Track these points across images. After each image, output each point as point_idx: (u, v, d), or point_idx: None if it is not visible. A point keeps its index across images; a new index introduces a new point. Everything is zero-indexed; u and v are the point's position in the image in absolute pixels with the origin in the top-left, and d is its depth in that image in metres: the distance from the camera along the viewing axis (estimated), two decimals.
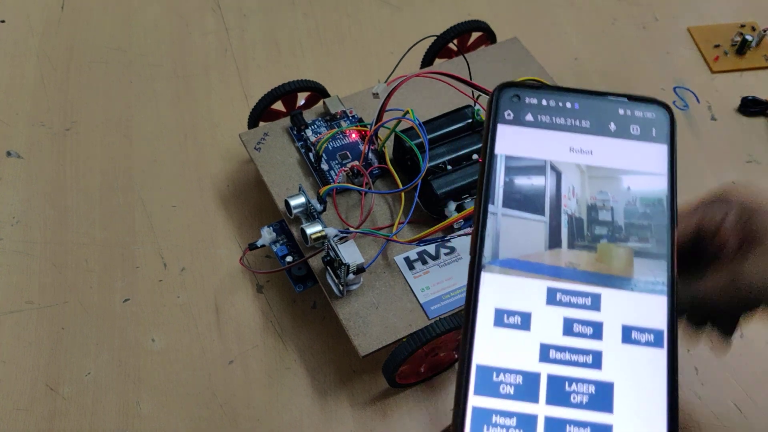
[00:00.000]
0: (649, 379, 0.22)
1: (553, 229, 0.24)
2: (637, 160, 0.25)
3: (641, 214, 0.24)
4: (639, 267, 0.24)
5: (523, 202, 0.24)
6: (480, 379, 0.22)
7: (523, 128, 0.25)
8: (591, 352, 0.23)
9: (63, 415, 0.50)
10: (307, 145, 0.57)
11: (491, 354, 0.22)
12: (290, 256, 0.53)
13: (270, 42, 0.74)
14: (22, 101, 0.66)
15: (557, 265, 0.24)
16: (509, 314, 0.23)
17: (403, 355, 0.47)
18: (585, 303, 0.23)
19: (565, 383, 0.22)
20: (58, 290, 0.55)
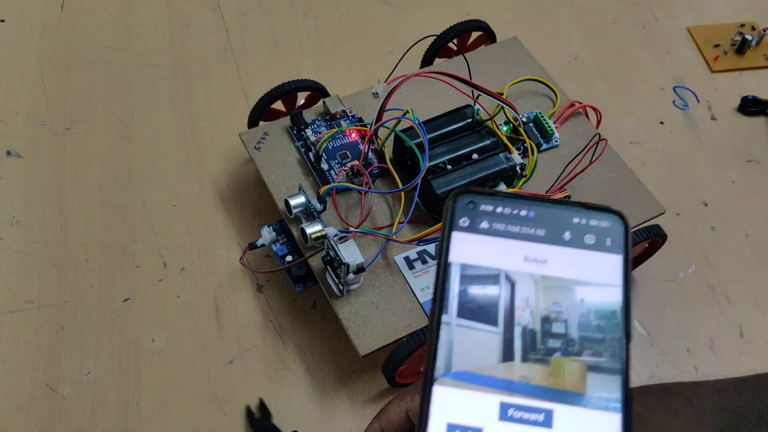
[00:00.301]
0: None
1: (507, 341, 0.24)
2: (591, 270, 0.25)
3: (595, 326, 0.24)
4: (592, 382, 0.23)
5: (478, 312, 0.24)
6: None
7: (478, 236, 0.25)
8: None
9: (63, 414, 0.50)
10: (307, 145, 0.57)
11: None
12: (290, 256, 0.53)
13: (270, 42, 0.74)
14: (22, 101, 0.66)
15: (510, 378, 0.23)
16: (461, 430, 0.23)
17: (403, 355, 0.47)
18: (537, 419, 0.23)
19: None
20: (58, 290, 0.55)
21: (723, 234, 0.63)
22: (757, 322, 0.58)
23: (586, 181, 0.56)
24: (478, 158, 0.54)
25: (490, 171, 0.53)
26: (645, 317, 0.58)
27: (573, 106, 0.60)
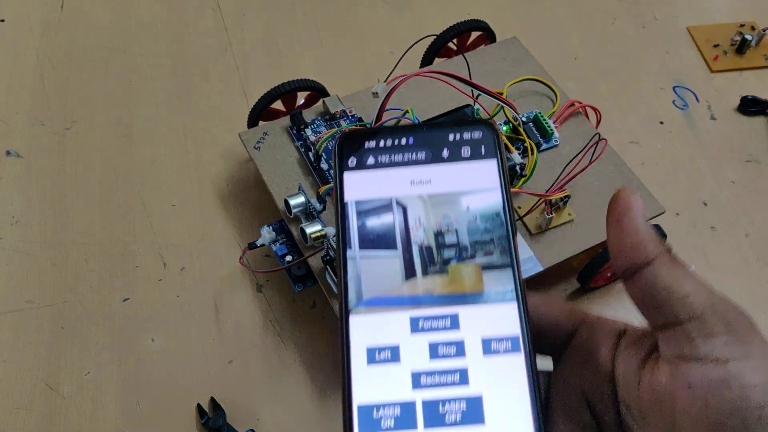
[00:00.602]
0: (513, 384, 0.24)
1: (407, 261, 0.25)
2: (472, 179, 0.26)
3: (483, 230, 0.26)
4: (488, 280, 0.25)
5: (377, 240, 0.26)
6: (362, 419, 0.23)
7: (366, 172, 0.27)
8: (457, 370, 0.24)
9: (62, 414, 0.50)
10: (306, 145, 0.57)
11: (369, 392, 0.24)
12: (290, 256, 0.53)
13: (270, 41, 0.74)
14: (22, 101, 0.67)
15: (415, 294, 0.25)
16: (380, 350, 0.24)
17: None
18: (445, 325, 0.24)
19: (438, 405, 0.23)
20: (58, 290, 0.55)
21: (723, 234, 0.63)
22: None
23: (586, 181, 0.56)
24: None
25: None
26: None
27: (573, 105, 0.60)
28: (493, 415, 0.23)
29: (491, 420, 0.23)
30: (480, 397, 0.24)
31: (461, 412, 0.23)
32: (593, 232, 0.54)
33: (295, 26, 0.75)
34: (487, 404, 0.23)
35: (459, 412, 0.23)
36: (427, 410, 0.23)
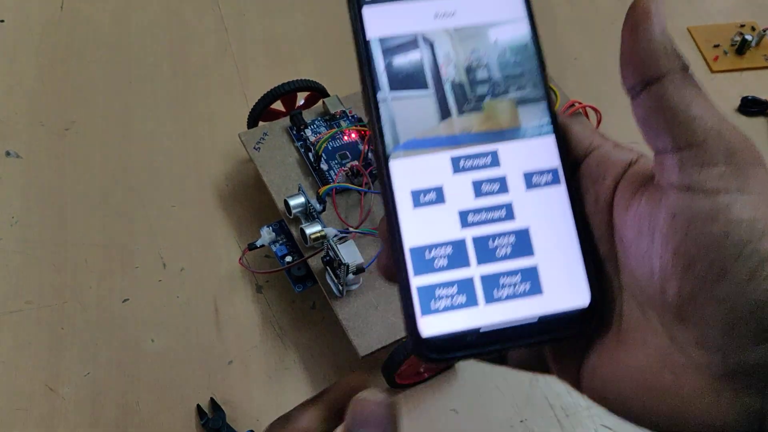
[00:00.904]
0: (557, 214, 0.24)
1: (441, 99, 0.25)
2: (497, 10, 0.26)
3: (513, 63, 0.25)
4: (524, 115, 0.25)
5: (407, 80, 0.25)
6: (416, 261, 0.23)
7: (386, 5, 0.27)
8: (502, 206, 0.24)
9: (62, 415, 0.50)
10: (306, 145, 0.57)
11: (419, 234, 0.24)
12: (290, 256, 0.53)
13: (270, 42, 0.74)
14: (22, 101, 0.66)
15: (453, 134, 0.25)
16: (424, 192, 0.24)
17: (403, 356, 0.47)
18: (486, 162, 0.25)
19: (488, 241, 0.24)
20: (58, 290, 0.55)
21: None
22: None
23: None
24: None
25: None
26: None
27: (573, 106, 0.60)
28: (540, 246, 0.24)
29: (540, 250, 0.24)
30: (527, 230, 0.24)
31: (510, 246, 0.24)
32: None
33: (295, 26, 0.75)
34: (534, 236, 0.24)
35: (508, 245, 0.24)
36: (477, 247, 0.24)
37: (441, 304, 0.23)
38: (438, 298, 0.23)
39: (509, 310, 0.23)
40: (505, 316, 0.23)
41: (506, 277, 0.24)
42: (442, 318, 0.23)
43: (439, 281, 0.23)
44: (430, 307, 0.23)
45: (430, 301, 0.23)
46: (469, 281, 0.23)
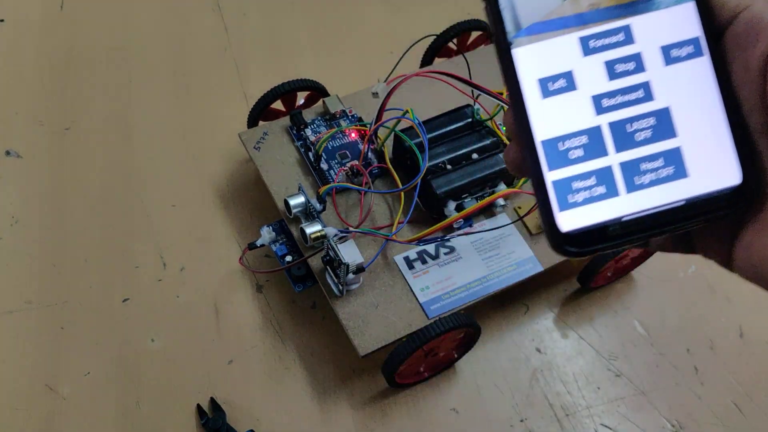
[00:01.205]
0: (701, 90, 0.22)
1: None
2: None
3: None
4: None
5: None
6: (549, 154, 0.22)
7: None
8: (639, 86, 0.23)
9: (62, 414, 0.50)
10: (306, 145, 0.57)
11: (551, 126, 0.22)
12: (290, 256, 0.53)
13: (270, 41, 0.74)
14: (22, 101, 0.66)
15: (579, 12, 0.23)
16: (552, 80, 0.23)
17: (403, 355, 0.47)
18: (618, 40, 0.23)
19: (626, 126, 0.22)
20: (58, 290, 0.55)
21: None
22: (757, 322, 0.58)
23: None
24: (478, 158, 0.54)
25: (490, 171, 0.53)
26: (645, 317, 0.58)
27: None
28: (684, 125, 0.22)
29: (683, 130, 0.22)
30: (667, 109, 0.23)
31: (651, 129, 0.22)
32: None
33: (295, 26, 0.75)
34: (676, 115, 0.22)
35: (648, 128, 0.23)
36: (615, 133, 0.22)
37: (579, 196, 0.22)
38: (576, 191, 0.22)
39: (653, 196, 0.22)
40: (648, 203, 0.22)
41: (648, 163, 0.22)
42: (582, 211, 0.22)
43: (575, 173, 0.22)
44: (568, 200, 0.22)
45: (568, 195, 0.22)
46: (607, 170, 0.22)
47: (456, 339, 0.51)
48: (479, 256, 0.52)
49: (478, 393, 0.53)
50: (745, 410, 0.54)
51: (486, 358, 0.55)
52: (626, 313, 0.58)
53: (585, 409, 0.53)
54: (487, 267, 0.52)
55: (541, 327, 0.57)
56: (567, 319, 0.57)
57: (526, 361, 0.55)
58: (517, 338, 0.56)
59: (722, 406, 0.54)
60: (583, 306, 0.58)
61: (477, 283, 0.51)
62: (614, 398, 0.54)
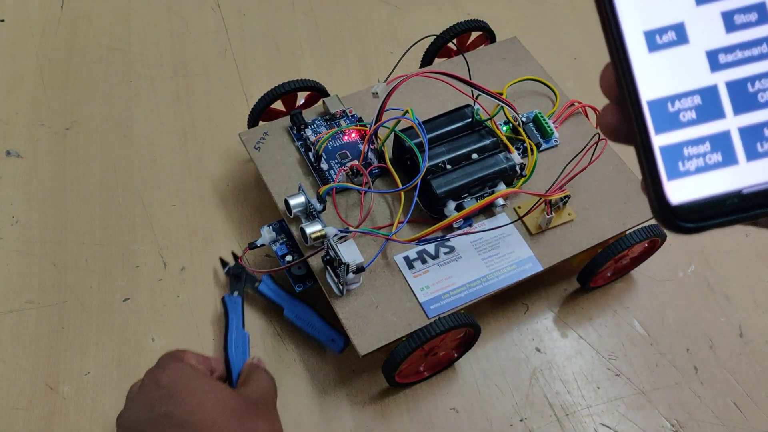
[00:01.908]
0: None
1: None
2: None
3: None
4: None
5: None
6: (656, 116, 0.20)
7: None
8: (763, 40, 0.20)
9: (62, 414, 0.50)
10: (306, 145, 0.57)
11: (658, 84, 0.20)
12: (290, 256, 0.53)
13: (270, 42, 0.74)
14: (22, 101, 0.67)
15: None
16: (661, 32, 0.20)
17: (403, 355, 0.47)
18: None
19: (747, 85, 0.20)
20: (58, 290, 0.55)
21: (722, 234, 0.63)
22: (756, 322, 0.59)
23: (586, 181, 0.56)
24: (478, 158, 0.54)
25: (490, 171, 0.53)
26: (645, 317, 0.58)
27: (573, 105, 0.60)
28: None
29: None
30: None
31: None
32: (593, 232, 0.54)
33: (295, 26, 0.75)
34: None
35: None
36: (733, 93, 0.20)
37: (692, 164, 0.20)
38: (688, 158, 0.20)
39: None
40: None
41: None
42: (695, 181, 0.20)
43: (687, 138, 0.20)
44: (679, 169, 0.20)
45: (678, 163, 0.20)
46: (725, 135, 0.20)
47: (456, 338, 0.51)
48: (479, 255, 0.52)
49: (477, 392, 0.53)
50: (744, 410, 0.54)
51: (486, 357, 0.55)
52: (626, 313, 0.58)
53: (584, 409, 0.53)
54: (487, 267, 0.52)
55: (540, 327, 0.57)
56: (567, 319, 0.57)
57: (526, 360, 0.55)
58: (517, 338, 0.56)
59: (722, 405, 0.54)
60: (583, 306, 0.58)
61: (477, 282, 0.51)
62: (614, 398, 0.54)
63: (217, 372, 0.48)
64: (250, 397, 0.43)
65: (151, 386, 0.41)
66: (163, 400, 0.40)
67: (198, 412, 0.39)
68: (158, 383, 0.41)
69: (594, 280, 0.56)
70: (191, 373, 0.42)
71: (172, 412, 0.39)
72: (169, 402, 0.40)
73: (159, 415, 0.39)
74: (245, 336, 0.52)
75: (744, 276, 0.61)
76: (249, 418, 0.41)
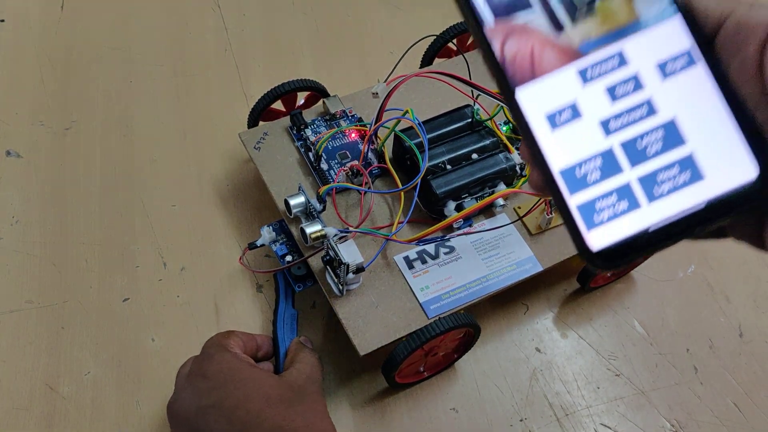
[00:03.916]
0: (702, 96, 0.23)
1: (549, 14, 0.24)
2: None
3: None
4: (640, 4, 0.24)
5: (509, 4, 0.24)
6: (568, 181, 0.24)
7: None
8: (642, 104, 0.24)
9: (62, 414, 0.50)
10: (306, 145, 0.57)
11: (564, 155, 0.24)
12: (290, 256, 0.53)
13: (270, 41, 0.74)
14: (22, 101, 0.67)
15: (572, 45, 0.24)
16: (559, 113, 0.24)
17: (403, 355, 0.47)
18: (614, 65, 0.24)
19: (636, 142, 0.24)
20: (58, 290, 0.55)
21: None
22: (756, 322, 0.58)
23: None
24: (478, 158, 0.54)
25: (490, 171, 0.53)
26: (644, 317, 0.58)
27: None
28: (692, 132, 0.23)
29: (692, 136, 0.23)
30: (673, 120, 0.24)
31: (660, 140, 0.23)
32: None
33: (295, 26, 0.75)
34: (682, 124, 0.23)
35: (658, 141, 0.24)
36: (627, 150, 0.24)
37: (604, 215, 0.23)
38: (599, 211, 0.23)
39: (674, 203, 0.23)
40: (671, 210, 0.23)
41: (663, 172, 0.23)
42: (609, 228, 0.23)
43: (596, 195, 0.24)
44: (594, 220, 0.23)
45: (593, 215, 0.24)
46: (626, 186, 0.23)
47: (456, 339, 0.51)
48: (479, 256, 0.52)
49: (477, 393, 0.53)
50: (744, 410, 0.54)
51: (486, 358, 0.55)
52: (626, 313, 0.58)
53: (584, 409, 0.53)
54: (487, 267, 0.52)
55: (540, 327, 0.57)
56: (567, 319, 0.57)
57: (526, 360, 0.55)
58: (517, 338, 0.56)
59: (722, 405, 0.54)
60: (583, 306, 0.58)
61: (477, 282, 0.51)
62: (614, 398, 0.54)
63: (263, 350, 0.49)
64: (295, 383, 0.44)
65: (198, 377, 0.43)
66: (211, 392, 0.42)
67: (244, 403, 0.41)
68: (205, 375, 0.43)
69: (594, 280, 0.56)
70: (237, 365, 0.44)
71: (219, 402, 0.41)
72: (216, 394, 0.42)
73: (207, 406, 0.41)
74: (294, 314, 0.52)
75: (744, 276, 0.61)
76: (293, 406, 0.42)
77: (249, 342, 0.48)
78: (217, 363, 0.44)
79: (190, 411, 0.42)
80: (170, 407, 0.44)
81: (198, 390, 0.43)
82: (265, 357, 0.50)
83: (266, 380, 0.43)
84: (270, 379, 0.44)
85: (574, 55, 0.24)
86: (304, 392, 0.44)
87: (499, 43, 0.24)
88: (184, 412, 0.43)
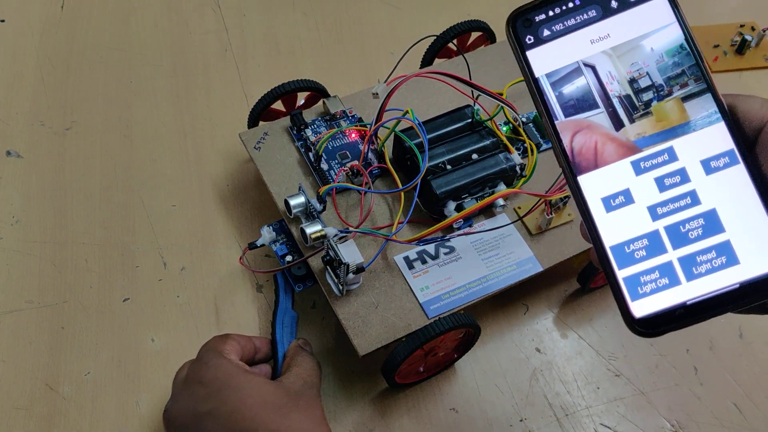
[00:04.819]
0: (741, 191, 0.27)
1: (612, 114, 0.29)
2: (647, 21, 0.29)
3: (672, 65, 0.29)
4: (691, 109, 0.28)
5: (578, 104, 0.29)
6: (618, 256, 0.28)
7: (546, 45, 0.29)
8: (686, 194, 0.28)
9: (62, 414, 0.50)
10: (306, 145, 0.57)
11: (616, 233, 0.28)
12: (290, 256, 0.53)
13: (270, 41, 0.74)
14: (22, 101, 0.67)
15: (629, 140, 0.29)
16: (613, 198, 0.28)
17: (403, 355, 0.47)
18: (664, 159, 0.28)
19: (679, 227, 0.27)
20: (58, 290, 0.55)
21: None
22: (756, 323, 0.58)
23: None
24: (478, 158, 0.54)
25: (490, 171, 0.53)
26: None
27: None
28: (730, 221, 0.27)
29: (730, 225, 0.27)
30: (714, 210, 0.27)
31: (701, 227, 0.27)
32: None
33: (295, 26, 0.75)
34: (722, 214, 0.27)
35: (699, 227, 0.27)
36: (671, 234, 0.27)
37: (647, 288, 0.27)
38: (644, 284, 0.27)
39: (710, 282, 0.27)
40: (707, 288, 0.27)
41: (702, 255, 0.27)
42: (651, 300, 0.27)
43: (641, 270, 0.27)
44: (638, 292, 0.27)
45: (637, 287, 0.27)
46: (668, 265, 0.27)
47: (456, 339, 0.51)
48: (479, 256, 0.52)
49: (477, 393, 0.53)
50: (744, 410, 0.54)
51: (486, 358, 0.55)
52: None
53: (584, 409, 0.53)
54: (487, 267, 0.52)
55: (540, 327, 0.57)
56: (567, 320, 0.57)
57: (526, 361, 0.55)
58: (517, 338, 0.56)
59: (722, 406, 0.54)
60: (583, 306, 0.58)
61: (477, 283, 0.51)
62: (614, 398, 0.54)
63: (261, 352, 0.49)
64: (291, 388, 0.45)
65: (194, 383, 0.43)
66: (207, 398, 0.42)
67: (240, 409, 0.41)
68: (201, 381, 0.43)
69: (594, 280, 0.56)
70: (232, 370, 0.44)
71: (215, 409, 0.41)
72: (212, 400, 0.42)
73: (203, 413, 0.42)
74: (294, 316, 0.52)
75: None
76: (289, 412, 0.43)
77: (246, 345, 0.48)
78: (213, 369, 0.44)
79: (187, 417, 0.42)
80: (166, 412, 0.44)
81: (195, 396, 0.43)
82: (263, 359, 0.49)
83: (262, 386, 0.43)
84: (266, 385, 0.44)
85: (630, 149, 0.28)
86: (301, 397, 0.44)
87: (569, 137, 0.28)
88: (181, 418, 0.43)
